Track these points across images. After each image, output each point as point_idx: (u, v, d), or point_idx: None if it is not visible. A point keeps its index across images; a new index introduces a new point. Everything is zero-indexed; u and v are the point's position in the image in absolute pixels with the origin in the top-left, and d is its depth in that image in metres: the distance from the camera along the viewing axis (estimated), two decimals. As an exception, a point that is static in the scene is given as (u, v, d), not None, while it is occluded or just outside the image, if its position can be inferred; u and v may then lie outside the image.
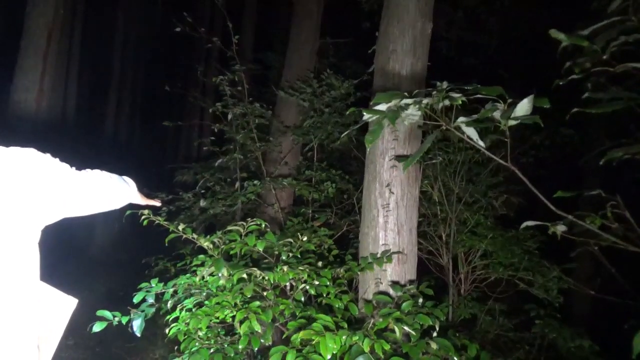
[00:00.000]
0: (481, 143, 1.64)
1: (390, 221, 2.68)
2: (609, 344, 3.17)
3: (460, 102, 1.61)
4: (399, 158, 2.65)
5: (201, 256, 3.04)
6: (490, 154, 1.79)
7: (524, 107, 1.47)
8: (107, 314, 2.65)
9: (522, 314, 3.52)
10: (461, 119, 1.62)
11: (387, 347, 1.90)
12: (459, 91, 1.66)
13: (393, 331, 2.06)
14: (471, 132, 1.63)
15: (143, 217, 2.48)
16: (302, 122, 4.74)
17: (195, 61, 11.60)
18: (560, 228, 1.73)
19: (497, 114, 1.56)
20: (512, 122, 1.49)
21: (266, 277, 2.25)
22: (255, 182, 4.39)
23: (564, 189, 1.78)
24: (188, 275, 2.97)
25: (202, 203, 4.51)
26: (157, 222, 2.57)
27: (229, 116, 4.49)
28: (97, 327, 2.66)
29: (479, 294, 3.62)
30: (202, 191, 4.78)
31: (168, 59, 14.85)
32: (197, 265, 3.00)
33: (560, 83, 1.58)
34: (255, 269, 2.28)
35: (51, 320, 1.58)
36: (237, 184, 4.52)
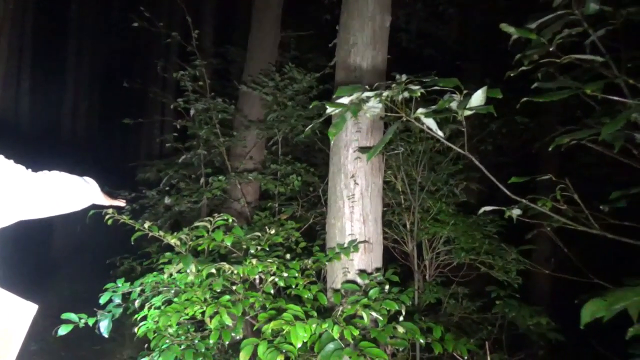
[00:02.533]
0: (440, 133, 1.71)
1: (356, 211, 2.74)
2: (566, 320, 3.34)
3: (418, 94, 1.67)
4: (362, 149, 2.70)
5: (168, 254, 3.02)
6: (449, 143, 1.86)
7: (478, 97, 1.54)
8: (72, 316, 2.62)
9: (484, 296, 3.66)
10: (420, 110, 1.68)
11: (356, 332, 1.96)
12: (417, 83, 1.72)
13: (361, 318, 2.12)
14: (430, 123, 1.69)
15: (107, 216, 2.45)
16: (266, 116, 4.74)
17: (154, 56, 11.34)
18: (515, 212, 1.82)
19: (454, 105, 1.63)
20: (467, 112, 1.56)
21: (235, 271, 2.27)
22: (221, 177, 4.37)
23: (523, 175, 1.87)
24: (155, 273, 2.95)
25: (167, 200, 4.47)
26: (121, 221, 2.54)
27: (191, 112, 4.45)
28: (63, 330, 2.61)
29: (443, 279, 3.74)
30: (167, 188, 4.73)
31: (126, 55, 14.47)
32: (164, 263, 2.98)
33: (511, 74, 1.66)
34: (224, 263, 2.29)
35: (10, 328, 1.53)
36: (202, 180, 4.50)
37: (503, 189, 1.72)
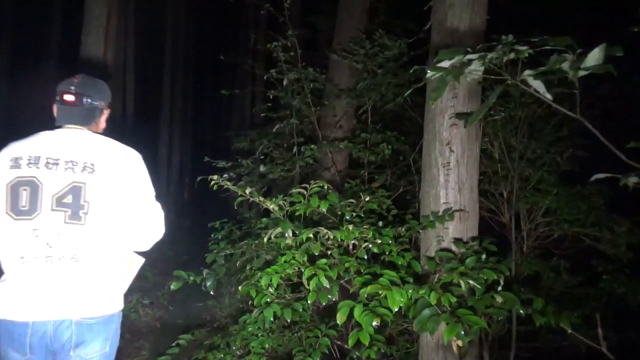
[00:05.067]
0: (549, 96, 1.61)
1: (451, 179, 2.69)
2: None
3: (526, 55, 1.58)
4: (459, 116, 2.62)
5: (265, 219, 3.18)
6: (558, 106, 1.75)
7: (595, 56, 1.42)
8: (182, 273, 2.86)
9: (588, 271, 3.46)
10: (527, 71, 1.59)
11: (453, 299, 1.95)
12: (524, 43, 1.63)
13: (458, 286, 2.11)
14: (538, 85, 1.60)
15: (212, 182, 2.62)
16: (356, 85, 4.72)
17: (244, 29, 11.66)
18: (633, 179, 1.69)
19: (565, 65, 1.53)
20: (582, 73, 1.46)
21: (332, 236, 2.34)
22: (312, 146, 4.46)
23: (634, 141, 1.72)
24: (254, 237, 3.12)
25: (262, 168, 4.65)
26: (225, 187, 2.70)
27: (284, 82, 4.55)
28: (175, 286, 2.87)
29: (543, 252, 3.58)
30: (261, 157, 4.92)
31: (217, 28, 15.01)
32: (261, 228, 3.15)
33: (635, 30, 1.51)
34: (321, 228, 2.37)
35: (132, 259, 2.08)
36: (295, 149, 4.62)
37: (619, 153, 1.60)
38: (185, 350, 3.09)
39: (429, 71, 1.68)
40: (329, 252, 2.55)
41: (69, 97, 1.87)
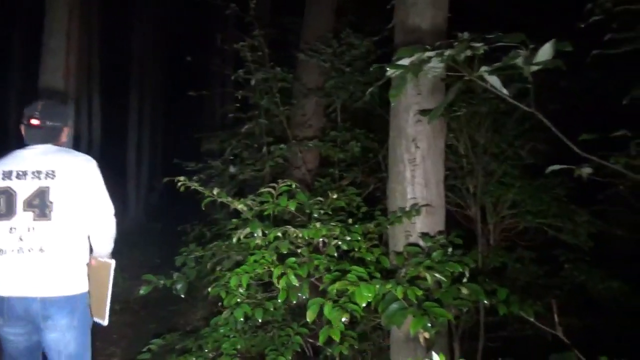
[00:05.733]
0: (505, 91, 1.66)
1: (417, 175, 2.73)
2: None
3: (482, 52, 1.62)
4: (423, 112, 2.66)
5: (235, 220, 3.17)
6: (514, 101, 1.80)
7: (545, 51, 1.47)
8: (152, 277, 2.83)
9: (551, 261, 3.56)
10: (484, 68, 1.63)
11: (419, 293, 1.99)
12: (480, 40, 1.67)
13: (425, 279, 2.14)
14: (494, 81, 1.64)
15: (180, 183, 2.60)
16: (324, 83, 4.74)
17: (213, 29, 11.55)
18: (586, 170, 1.75)
19: (519, 61, 1.57)
20: (534, 68, 1.50)
21: (300, 235, 2.35)
22: (282, 145, 4.46)
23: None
24: (224, 238, 3.11)
25: (232, 169, 4.63)
26: (192, 187, 2.68)
27: (252, 82, 4.53)
28: (144, 291, 2.85)
29: (508, 244, 3.67)
30: (231, 158, 4.89)
31: (186, 28, 14.82)
32: (231, 229, 3.13)
33: (582, 26, 1.57)
34: (289, 227, 2.38)
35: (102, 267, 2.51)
36: (264, 149, 4.61)
37: (571, 145, 1.66)
38: (157, 355, 3.05)
39: (388, 69, 1.71)
40: (298, 251, 2.56)
41: (34, 122, 2.35)
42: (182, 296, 3.05)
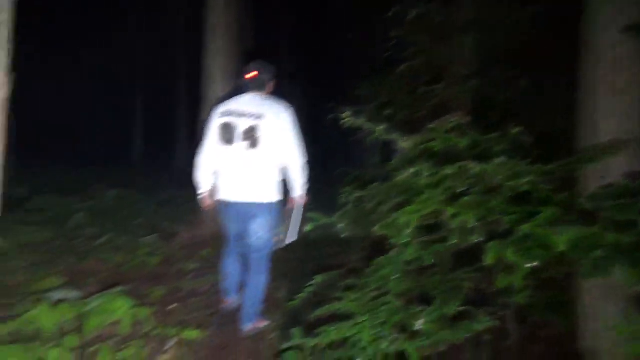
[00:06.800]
0: None
1: (618, 106, 2.30)
2: None
3: None
4: (630, 28, 2.20)
5: (395, 160, 3.05)
6: None
7: None
8: (316, 216, 2.88)
9: None
10: None
11: (630, 239, 1.68)
12: None
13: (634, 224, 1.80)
14: None
15: (346, 119, 2.54)
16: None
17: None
18: None
19: None
20: None
21: (478, 170, 2.14)
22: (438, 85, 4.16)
23: None
24: (381, 182, 3.02)
25: (386, 112, 4.48)
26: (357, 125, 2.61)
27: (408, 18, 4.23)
28: (310, 227, 2.92)
29: None
30: (385, 101, 4.72)
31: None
32: (391, 171, 3.02)
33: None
34: (465, 162, 2.18)
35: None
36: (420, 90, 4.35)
37: None
38: (318, 292, 3.14)
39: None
40: (470, 191, 2.35)
41: (252, 74, 3.09)
42: (342, 236, 3.09)
